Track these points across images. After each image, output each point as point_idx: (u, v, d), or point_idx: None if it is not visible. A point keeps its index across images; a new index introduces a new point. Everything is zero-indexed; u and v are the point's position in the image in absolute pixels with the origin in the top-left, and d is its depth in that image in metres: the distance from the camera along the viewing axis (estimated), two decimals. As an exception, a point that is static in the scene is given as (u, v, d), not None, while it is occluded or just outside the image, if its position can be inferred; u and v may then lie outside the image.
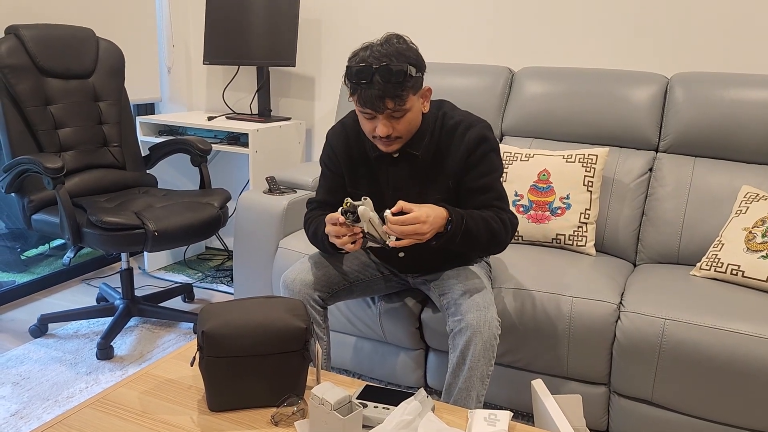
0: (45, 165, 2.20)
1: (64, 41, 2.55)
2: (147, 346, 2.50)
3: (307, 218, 1.87)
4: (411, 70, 1.58)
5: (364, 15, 3.02)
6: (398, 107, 1.59)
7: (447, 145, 1.73)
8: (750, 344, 1.68)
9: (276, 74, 3.28)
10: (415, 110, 1.66)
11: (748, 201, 2.06)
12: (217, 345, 1.36)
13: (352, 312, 2.11)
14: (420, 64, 1.63)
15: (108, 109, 2.66)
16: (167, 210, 2.37)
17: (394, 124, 1.62)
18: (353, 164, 1.81)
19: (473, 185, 1.72)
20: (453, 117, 1.75)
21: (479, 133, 1.71)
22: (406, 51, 1.60)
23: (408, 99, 1.60)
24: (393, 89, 1.56)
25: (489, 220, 1.66)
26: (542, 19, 2.70)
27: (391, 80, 1.55)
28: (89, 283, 3.11)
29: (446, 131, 1.73)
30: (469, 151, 1.71)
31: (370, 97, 1.57)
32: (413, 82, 1.60)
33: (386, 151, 1.70)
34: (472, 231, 1.62)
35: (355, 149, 1.80)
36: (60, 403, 2.11)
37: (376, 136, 1.65)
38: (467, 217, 1.62)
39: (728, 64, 2.45)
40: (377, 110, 1.59)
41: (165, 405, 1.41)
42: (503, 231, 1.68)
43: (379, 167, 1.79)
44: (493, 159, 1.73)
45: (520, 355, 1.94)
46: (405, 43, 1.62)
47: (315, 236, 1.80)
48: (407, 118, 1.63)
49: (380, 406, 1.36)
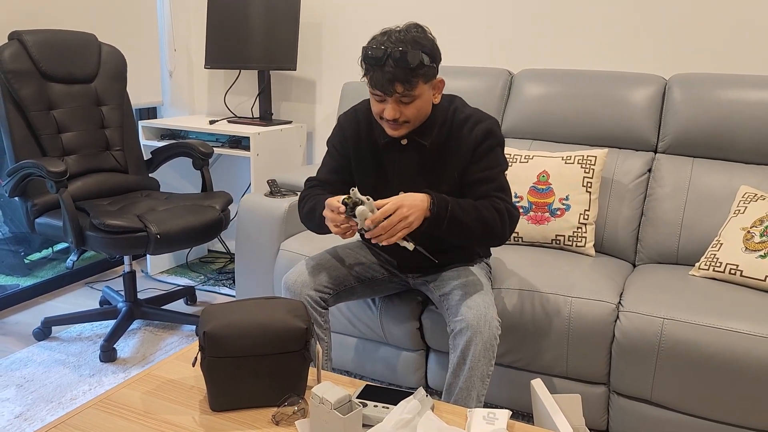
0: (48, 169, 2.22)
1: (66, 46, 2.57)
2: (150, 349, 2.52)
3: (303, 195, 1.86)
4: (424, 58, 1.61)
5: (365, 19, 3.04)
6: (407, 92, 1.62)
7: (456, 138, 1.75)
8: (748, 343, 1.69)
9: (277, 78, 3.30)
10: (425, 98, 1.68)
11: (747, 201, 2.07)
12: (219, 345, 1.38)
13: (352, 313, 2.12)
14: (435, 55, 1.66)
15: (110, 113, 2.68)
16: (169, 213, 2.39)
17: (402, 108, 1.66)
18: (361, 150, 1.83)
19: (476, 177, 1.73)
20: (464, 111, 1.78)
21: (487, 128, 1.73)
22: (422, 39, 1.63)
23: (418, 86, 1.63)
24: (404, 74, 1.59)
25: (481, 208, 1.65)
26: (541, 21, 2.72)
27: (403, 65, 1.59)
28: (92, 286, 3.12)
29: (456, 124, 1.76)
30: (476, 145, 1.73)
31: (381, 80, 1.61)
32: (425, 71, 1.63)
33: (393, 135, 1.73)
34: (458, 216, 1.62)
35: (365, 135, 1.83)
36: (63, 405, 2.13)
37: (383, 117, 1.69)
38: (452, 202, 1.63)
39: (726, 65, 2.46)
40: (386, 93, 1.63)
41: (167, 405, 1.43)
42: (498, 220, 1.66)
43: (387, 154, 1.81)
44: (499, 154, 1.75)
45: (520, 355, 1.95)
46: (423, 32, 1.66)
47: (311, 214, 1.78)
48: (416, 105, 1.66)
49: (380, 405, 1.37)
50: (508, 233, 1.69)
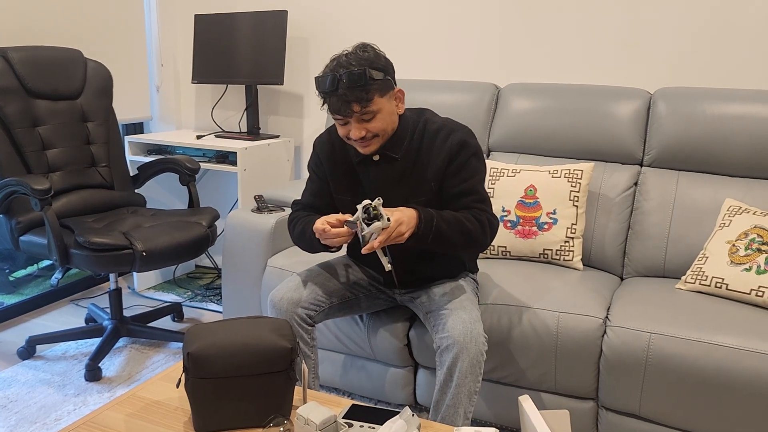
0: (32, 187, 2.20)
1: (52, 63, 2.56)
2: (136, 367, 2.49)
3: (292, 218, 1.90)
4: (373, 74, 1.63)
5: (351, 33, 3.04)
6: (365, 110, 1.65)
7: (429, 149, 1.77)
8: (735, 357, 1.69)
9: (264, 92, 3.30)
10: (387, 111, 1.70)
11: (732, 214, 2.08)
12: (203, 366, 1.36)
13: (340, 330, 2.11)
14: (386, 68, 1.69)
15: (96, 129, 2.66)
16: (155, 230, 2.37)
17: (367, 126, 1.68)
18: (337, 170, 1.86)
19: (456, 190, 1.76)
20: (435, 122, 1.80)
21: (460, 139, 1.75)
22: (369, 57, 1.66)
23: (374, 101, 1.66)
24: (357, 94, 1.63)
25: (463, 220, 1.70)
26: (527, 36, 2.73)
27: (354, 85, 1.62)
28: (78, 303, 3.09)
29: (428, 135, 1.78)
30: (451, 157, 1.75)
31: (337, 104, 1.65)
32: (378, 85, 1.65)
33: (364, 153, 1.75)
34: (443, 230, 1.67)
35: (339, 155, 1.86)
36: (48, 426, 2.10)
37: (350, 138, 1.71)
38: (437, 217, 1.67)
39: (710, 80, 2.48)
40: (345, 114, 1.66)
41: (151, 427, 1.41)
42: (480, 231, 1.71)
43: (362, 171, 1.83)
44: (474, 164, 1.76)
45: (507, 371, 1.95)
46: (370, 50, 1.68)
47: (302, 235, 1.82)
48: (379, 119, 1.69)
49: (366, 426, 1.36)
50: (489, 240, 1.75)
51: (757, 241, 1.96)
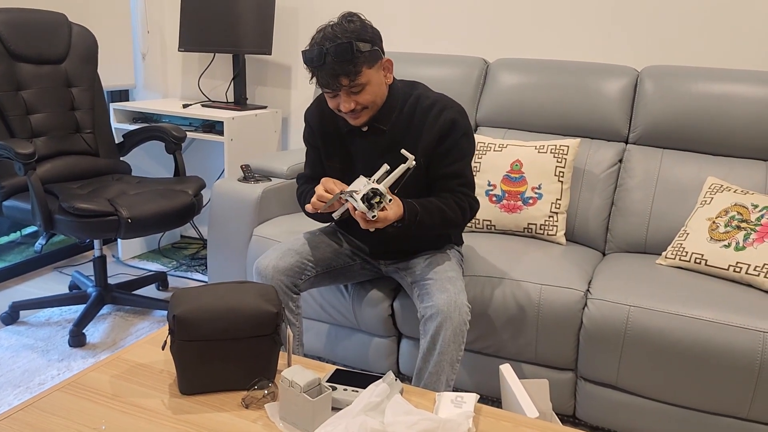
0: (16, 150, 2.18)
1: (36, 26, 2.52)
2: (120, 334, 2.50)
3: (300, 192, 1.94)
4: (360, 45, 1.62)
5: (341, 4, 3.02)
6: (354, 82, 1.65)
7: (421, 123, 1.77)
8: (711, 330, 1.73)
9: (252, 62, 3.27)
10: (376, 82, 1.70)
11: (713, 192, 2.11)
12: (189, 329, 1.37)
13: (325, 299, 2.13)
14: (372, 38, 1.67)
15: (81, 95, 2.63)
16: (141, 197, 2.36)
17: (356, 97, 1.68)
18: (327, 139, 1.88)
19: (443, 172, 1.77)
20: (429, 97, 1.80)
21: (452, 118, 1.75)
22: (355, 28, 1.64)
23: (362, 73, 1.65)
24: (344, 66, 1.62)
25: (445, 209, 1.74)
26: (517, 11, 2.73)
27: (341, 59, 1.61)
28: (61, 271, 3.08)
29: (420, 110, 1.78)
30: (442, 135, 1.75)
31: (325, 78, 1.64)
32: (366, 57, 1.64)
33: (355, 124, 1.76)
34: (424, 221, 1.71)
35: (329, 125, 1.86)
36: (32, 390, 2.10)
37: (341, 111, 1.71)
38: (421, 211, 1.70)
39: (697, 58, 2.50)
40: (334, 88, 1.66)
41: (136, 389, 1.42)
42: (459, 217, 1.77)
43: (351, 141, 1.84)
44: (463, 145, 1.77)
45: (489, 342, 1.98)
46: (356, 20, 1.66)
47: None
48: (368, 91, 1.69)
49: (349, 389, 1.38)
50: (465, 224, 1.83)
51: (736, 218, 1.99)
